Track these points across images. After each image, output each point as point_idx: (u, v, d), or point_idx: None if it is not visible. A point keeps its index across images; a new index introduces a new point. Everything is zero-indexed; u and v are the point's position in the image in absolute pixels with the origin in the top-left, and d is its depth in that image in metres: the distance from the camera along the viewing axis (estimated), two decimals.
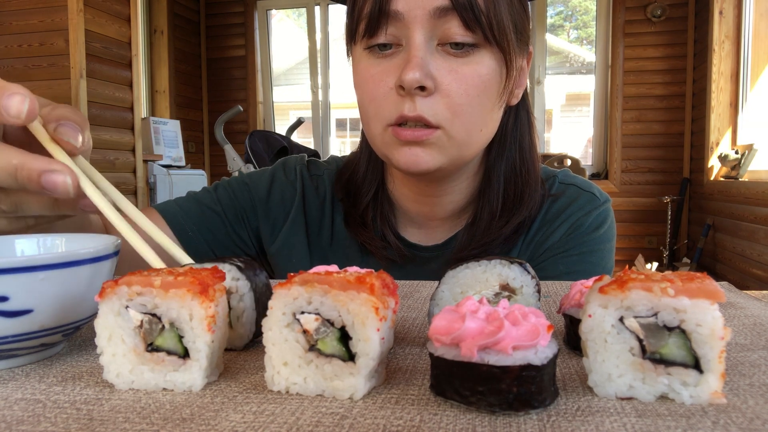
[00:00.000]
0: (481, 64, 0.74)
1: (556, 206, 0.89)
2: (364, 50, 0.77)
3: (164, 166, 4.50)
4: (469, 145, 0.78)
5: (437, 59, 0.73)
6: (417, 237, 0.92)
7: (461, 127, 0.75)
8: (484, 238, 0.85)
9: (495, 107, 0.78)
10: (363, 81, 0.78)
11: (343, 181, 0.94)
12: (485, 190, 0.87)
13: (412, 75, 0.70)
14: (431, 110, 0.73)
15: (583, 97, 5.70)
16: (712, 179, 4.47)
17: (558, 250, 0.87)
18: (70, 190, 0.43)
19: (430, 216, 0.90)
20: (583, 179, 0.94)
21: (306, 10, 5.73)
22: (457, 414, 0.37)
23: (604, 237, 0.88)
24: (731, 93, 4.36)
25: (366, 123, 0.80)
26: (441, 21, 0.72)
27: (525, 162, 0.87)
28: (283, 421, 0.36)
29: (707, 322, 0.37)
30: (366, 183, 0.91)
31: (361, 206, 0.90)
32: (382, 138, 0.78)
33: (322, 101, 5.80)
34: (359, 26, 0.76)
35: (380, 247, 0.88)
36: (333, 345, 0.40)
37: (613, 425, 0.35)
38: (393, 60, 0.75)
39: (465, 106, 0.74)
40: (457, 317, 0.39)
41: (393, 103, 0.74)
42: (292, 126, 4.16)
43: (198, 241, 0.92)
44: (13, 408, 0.39)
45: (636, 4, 4.99)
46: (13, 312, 0.44)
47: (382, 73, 0.75)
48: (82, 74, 3.60)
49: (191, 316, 0.41)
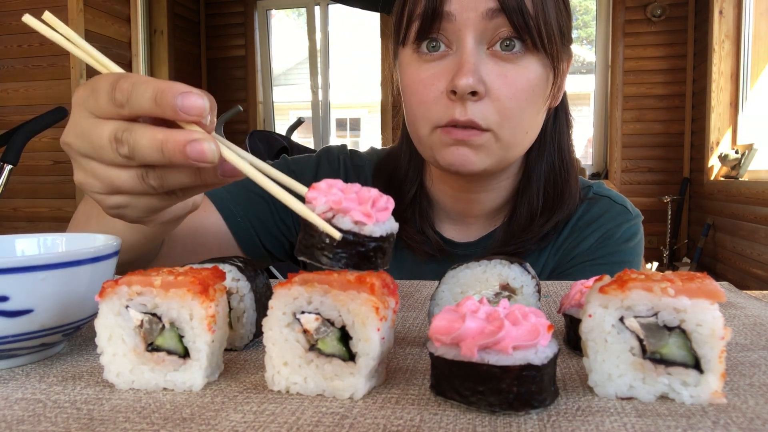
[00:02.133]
0: (529, 68, 0.75)
1: (589, 215, 0.90)
2: (413, 53, 0.78)
3: None
4: (515, 147, 0.80)
5: (488, 63, 0.74)
6: (453, 233, 0.93)
7: (509, 130, 0.76)
8: (523, 235, 0.86)
9: (540, 111, 0.80)
10: (412, 84, 0.78)
11: (384, 175, 0.95)
12: (525, 190, 0.88)
13: (466, 81, 0.71)
14: (481, 114, 0.74)
15: (583, 97, 5.70)
16: (712, 179, 4.47)
17: (587, 257, 0.88)
18: (215, 155, 0.43)
19: (468, 213, 0.92)
20: (618, 193, 0.96)
21: (306, 10, 5.72)
22: (457, 414, 0.37)
23: (634, 250, 0.89)
24: (731, 93, 4.36)
25: (412, 124, 0.81)
26: (491, 24, 0.73)
27: (564, 162, 0.89)
28: (283, 421, 0.36)
29: (707, 322, 0.37)
30: (408, 180, 0.92)
31: (404, 203, 0.91)
32: (430, 139, 0.79)
33: (322, 101, 5.80)
34: (410, 28, 0.77)
35: (419, 242, 0.90)
36: (333, 345, 0.40)
37: (613, 425, 0.35)
38: (443, 63, 0.75)
39: (514, 110, 0.75)
40: (457, 317, 0.39)
41: (444, 107, 0.75)
42: (292, 126, 4.16)
43: (246, 227, 0.92)
44: (13, 408, 0.39)
45: (636, 3, 4.98)
46: (13, 312, 0.44)
47: (432, 77, 0.76)
48: (82, 74, 3.60)
49: (191, 316, 0.41)
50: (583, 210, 0.91)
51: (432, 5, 0.74)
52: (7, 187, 2.51)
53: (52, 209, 3.64)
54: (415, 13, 0.76)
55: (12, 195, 3.56)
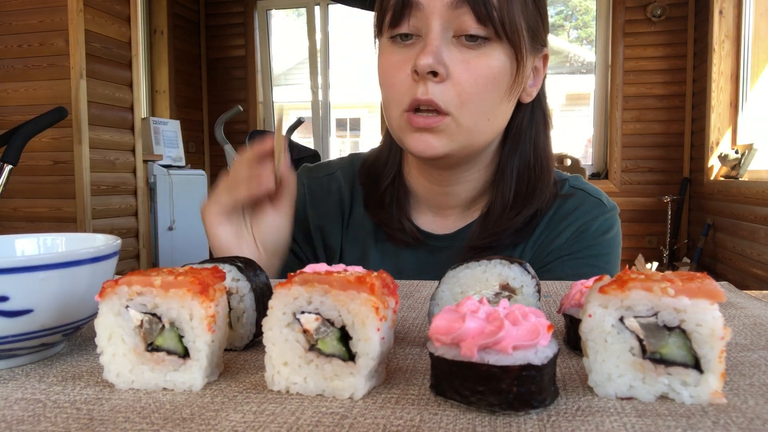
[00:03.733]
0: (492, 57, 0.78)
1: (564, 209, 0.91)
2: (388, 41, 0.83)
3: (164, 166, 4.49)
4: (477, 133, 0.82)
5: (451, 49, 0.78)
6: (431, 225, 0.95)
7: (469, 115, 0.79)
8: (496, 228, 0.88)
9: (504, 100, 0.82)
10: (384, 68, 0.83)
11: (366, 166, 1.00)
12: (498, 182, 0.90)
13: (425, 60, 0.75)
14: (442, 96, 0.77)
15: (583, 97, 5.69)
16: (712, 179, 4.46)
17: (564, 251, 0.89)
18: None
19: (444, 204, 0.94)
20: (593, 186, 0.97)
21: (306, 10, 5.72)
22: (457, 414, 0.37)
23: (611, 242, 0.91)
24: (731, 93, 4.35)
25: (386, 108, 0.85)
26: (456, 13, 0.77)
27: (539, 158, 0.91)
28: (283, 421, 0.36)
29: (707, 322, 0.37)
30: (387, 168, 0.96)
31: (380, 189, 0.95)
32: (399, 123, 0.82)
33: (322, 101, 5.80)
34: (385, 18, 0.82)
35: (396, 230, 0.93)
36: (333, 345, 0.40)
37: (613, 425, 0.35)
38: (412, 49, 0.80)
39: (473, 95, 0.78)
40: (457, 317, 0.39)
41: (408, 88, 0.79)
42: (292, 126, 4.16)
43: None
44: (13, 408, 0.39)
45: (636, 3, 4.98)
46: (13, 312, 0.44)
47: (401, 61, 0.80)
48: (82, 74, 3.59)
49: (191, 316, 0.41)
50: (558, 204, 0.92)
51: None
52: (7, 187, 2.50)
53: (52, 209, 3.63)
54: (389, 4, 0.81)
55: (12, 195, 3.55)
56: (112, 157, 3.91)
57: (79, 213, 3.61)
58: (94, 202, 3.70)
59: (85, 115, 3.61)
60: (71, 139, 3.59)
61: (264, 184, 0.78)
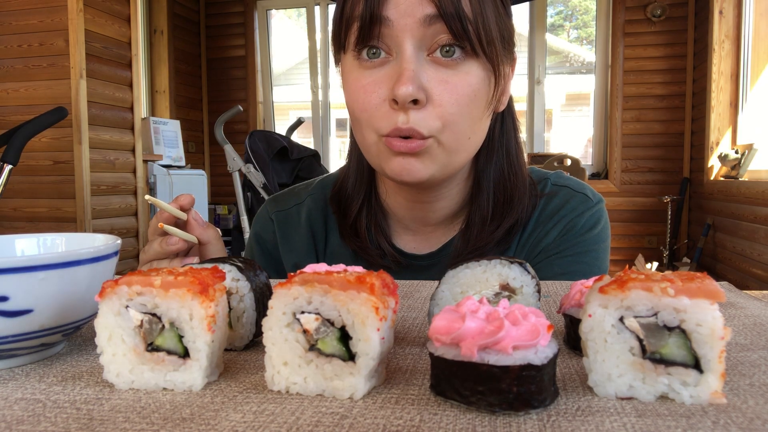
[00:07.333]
0: (470, 74, 0.74)
1: (550, 208, 0.90)
2: (354, 60, 0.77)
3: (164, 166, 4.50)
4: (459, 152, 0.79)
5: (428, 70, 0.73)
6: (412, 245, 0.92)
7: (452, 135, 0.75)
8: (477, 242, 0.86)
9: (483, 115, 0.79)
10: (354, 91, 0.77)
11: (335, 191, 0.95)
12: (476, 196, 0.88)
13: (406, 90, 0.70)
14: (423, 122, 0.73)
15: (583, 97, 5.69)
16: (712, 179, 4.46)
17: (552, 251, 0.88)
18: None
19: (424, 222, 0.91)
20: (577, 180, 0.95)
21: (306, 10, 5.72)
22: (457, 414, 0.37)
23: (598, 237, 0.89)
24: (731, 93, 4.35)
25: (358, 131, 0.80)
26: (430, 29, 0.72)
27: (513, 166, 0.88)
28: (283, 421, 0.36)
29: (707, 321, 0.37)
30: (355, 192, 0.92)
31: (351, 215, 0.91)
32: (377, 148, 0.78)
33: (322, 101, 5.80)
34: (349, 33, 0.76)
35: (376, 255, 0.89)
36: (333, 345, 0.40)
37: (613, 425, 0.35)
38: (384, 70, 0.74)
39: (455, 115, 0.74)
40: (457, 317, 0.39)
41: (386, 115, 0.74)
42: (292, 126, 4.16)
43: None
44: (13, 408, 0.39)
45: (636, 3, 4.98)
46: (13, 312, 0.44)
47: (373, 84, 0.75)
48: (82, 74, 3.59)
49: (191, 316, 0.41)
50: (543, 204, 0.90)
51: (370, 10, 0.72)
52: (7, 187, 2.50)
53: (52, 209, 3.63)
54: (354, 17, 0.75)
55: (12, 195, 3.56)
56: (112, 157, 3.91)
57: (78, 213, 3.61)
58: (93, 202, 3.70)
59: (85, 115, 3.61)
60: (71, 139, 3.59)
61: (174, 249, 0.77)
